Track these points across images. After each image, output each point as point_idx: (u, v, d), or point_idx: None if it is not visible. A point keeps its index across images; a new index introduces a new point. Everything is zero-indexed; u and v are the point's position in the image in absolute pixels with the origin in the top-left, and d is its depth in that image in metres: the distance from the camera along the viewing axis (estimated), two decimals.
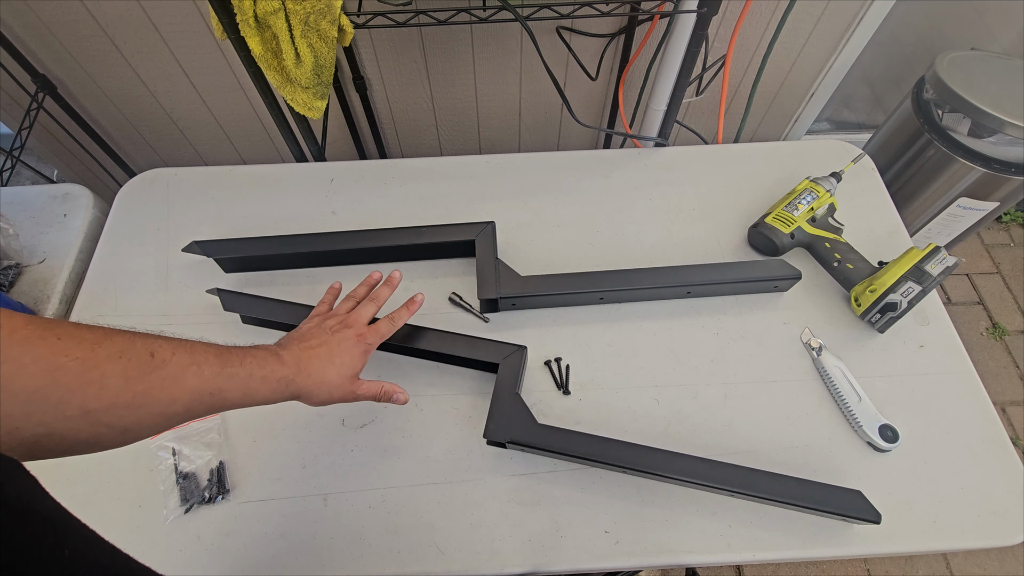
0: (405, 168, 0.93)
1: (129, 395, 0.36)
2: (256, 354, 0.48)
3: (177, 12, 1.01)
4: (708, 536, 0.62)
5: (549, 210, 0.88)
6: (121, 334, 0.38)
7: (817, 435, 0.69)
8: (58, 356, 0.33)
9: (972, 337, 1.60)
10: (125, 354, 0.37)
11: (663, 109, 0.95)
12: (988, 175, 1.17)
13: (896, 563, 1.30)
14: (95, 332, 0.36)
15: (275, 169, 0.92)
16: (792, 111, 1.38)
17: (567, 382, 0.72)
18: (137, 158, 1.37)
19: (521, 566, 0.60)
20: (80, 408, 0.34)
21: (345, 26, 0.75)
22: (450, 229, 0.79)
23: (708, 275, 0.76)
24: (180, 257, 0.79)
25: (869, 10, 1.12)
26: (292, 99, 0.80)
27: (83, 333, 0.35)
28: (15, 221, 0.85)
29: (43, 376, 0.32)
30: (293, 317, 0.70)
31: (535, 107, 1.29)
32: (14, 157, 1.04)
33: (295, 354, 0.52)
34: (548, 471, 0.66)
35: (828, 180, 0.83)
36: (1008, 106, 1.10)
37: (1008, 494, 0.65)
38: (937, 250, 0.73)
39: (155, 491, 0.64)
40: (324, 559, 0.61)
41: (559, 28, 1.07)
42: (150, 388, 0.38)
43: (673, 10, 0.82)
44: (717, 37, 1.14)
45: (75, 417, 0.34)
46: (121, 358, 0.36)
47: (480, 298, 0.74)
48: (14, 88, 1.09)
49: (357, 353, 0.56)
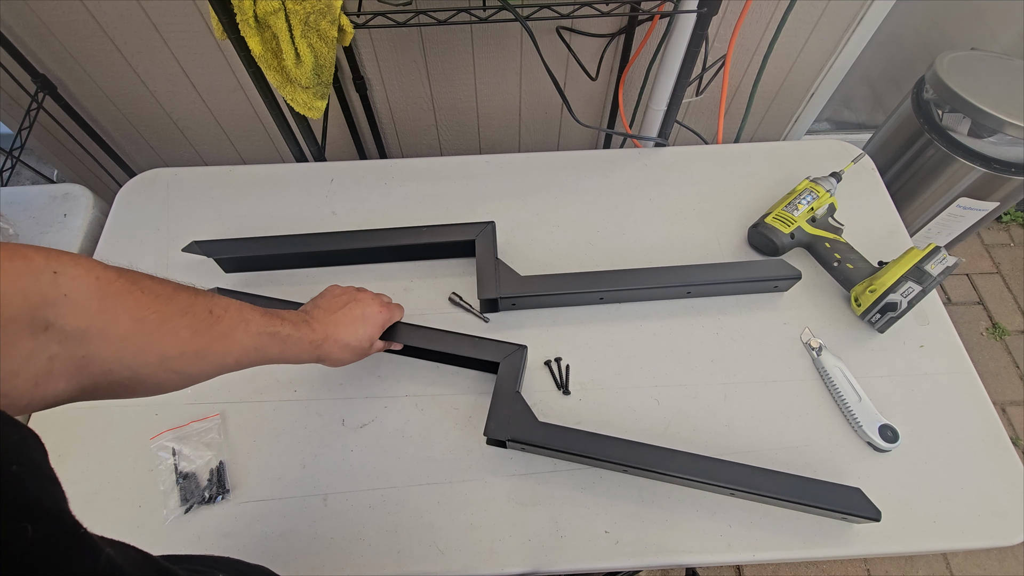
0: (405, 168, 0.93)
1: (196, 346, 0.41)
2: (290, 317, 0.53)
3: (177, 12, 1.01)
4: (708, 536, 0.62)
5: (549, 210, 0.88)
6: (184, 291, 0.42)
7: (817, 435, 0.69)
8: (142, 309, 0.37)
9: (972, 337, 1.60)
10: (190, 310, 0.41)
11: (663, 109, 0.95)
12: (988, 175, 1.17)
13: (896, 563, 1.30)
14: (166, 287, 0.40)
15: (275, 169, 0.92)
16: (792, 111, 1.38)
17: (567, 382, 0.72)
18: (137, 158, 1.37)
19: (521, 566, 0.60)
20: (159, 355, 0.38)
21: (345, 26, 0.75)
22: (450, 229, 0.79)
23: (708, 275, 0.76)
24: (180, 257, 0.79)
25: (869, 10, 1.12)
26: (292, 99, 0.80)
27: (158, 288, 0.39)
28: (15, 221, 0.85)
29: (132, 325, 0.36)
30: None
31: (535, 107, 1.29)
32: (14, 157, 1.04)
33: (323, 322, 0.57)
34: (548, 471, 0.66)
35: (828, 180, 0.83)
36: (1008, 106, 1.10)
37: (1008, 494, 0.65)
38: (937, 250, 0.73)
39: (155, 491, 0.64)
40: (324, 559, 0.61)
41: (559, 28, 1.07)
42: (211, 341, 0.42)
43: (673, 10, 0.82)
44: (717, 37, 1.14)
45: (154, 363, 0.38)
46: (187, 314, 0.40)
47: (480, 298, 0.74)
48: (14, 88, 1.09)
49: (380, 322, 0.63)
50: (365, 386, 0.72)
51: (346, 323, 0.59)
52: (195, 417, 0.69)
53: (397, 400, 0.71)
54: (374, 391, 0.71)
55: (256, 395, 0.71)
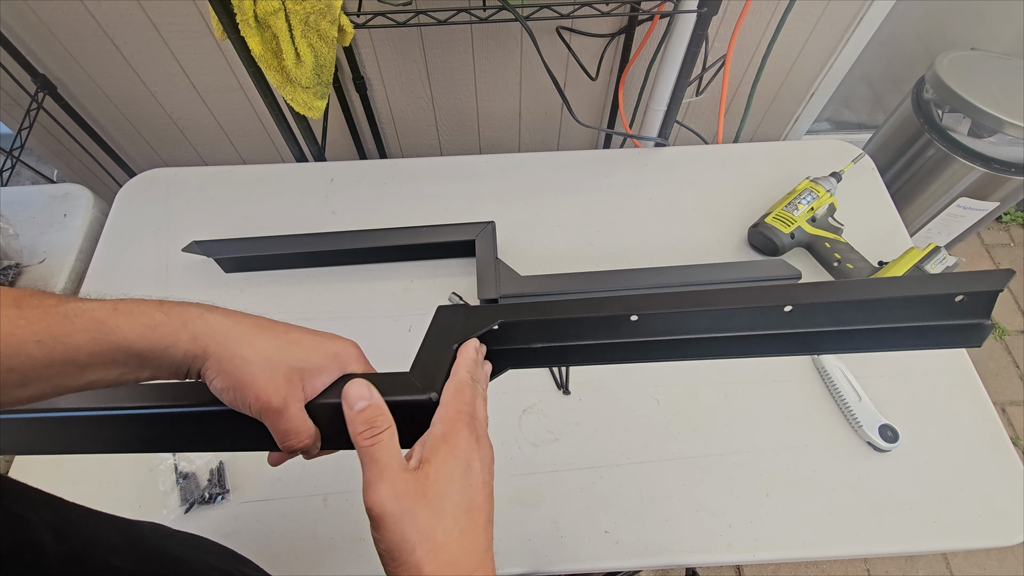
0: (405, 168, 0.92)
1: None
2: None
3: (177, 12, 1.01)
4: (708, 536, 0.62)
5: (549, 210, 0.88)
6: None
7: (817, 435, 0.69)
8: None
9: None
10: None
11: (663, 109, 0.95)
12: (988, 175, 1.17)
13: (896, 563, 1.30)
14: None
15: (275, 169, 0.92)
16: (792, 111, 1.38)
17: (567, 382, 0.72)
18: (137, 158, 1.37)
19: (521, 566, 0.60)
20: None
21: (345, 26, 0.75)
22: (450, 229, 0.79)
23: (708, 275, 0.76)
24: (180, 257, 0.79)
25: (869, 10, 1.12)
26: (292, 99, 0.80)
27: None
28: (15, 221, 0.85)
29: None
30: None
31: (535, 107, 1.29)
32: (14, 157, 1.04)
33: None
34: (548, 471, 0.66)
35: (828, 180, 0.83)
36: (1008, 106, 1.10)
37: (1008, 494, 0.65)
38: (937, 250, 0.73)
39: (155, 491, 0.64)
40: (324, 559, 0.61)
41: (559, 28, 1.07)
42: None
43: (673, 10, 0.82)
44: (717, 37, 1.14)
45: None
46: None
47: (480, 298, 0.74)
48: (14, 88, 1.08)
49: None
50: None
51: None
52: None
53: None
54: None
55: None
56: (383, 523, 0.26)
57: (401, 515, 0.26)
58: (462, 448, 0.30)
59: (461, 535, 0.27)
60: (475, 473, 0.29)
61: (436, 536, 0.26)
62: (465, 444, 0.30)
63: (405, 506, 0.26)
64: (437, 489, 0.28)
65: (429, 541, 0.26)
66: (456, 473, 0.29)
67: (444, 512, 0.27)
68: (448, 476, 0.28)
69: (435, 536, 0.26)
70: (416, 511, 0.26)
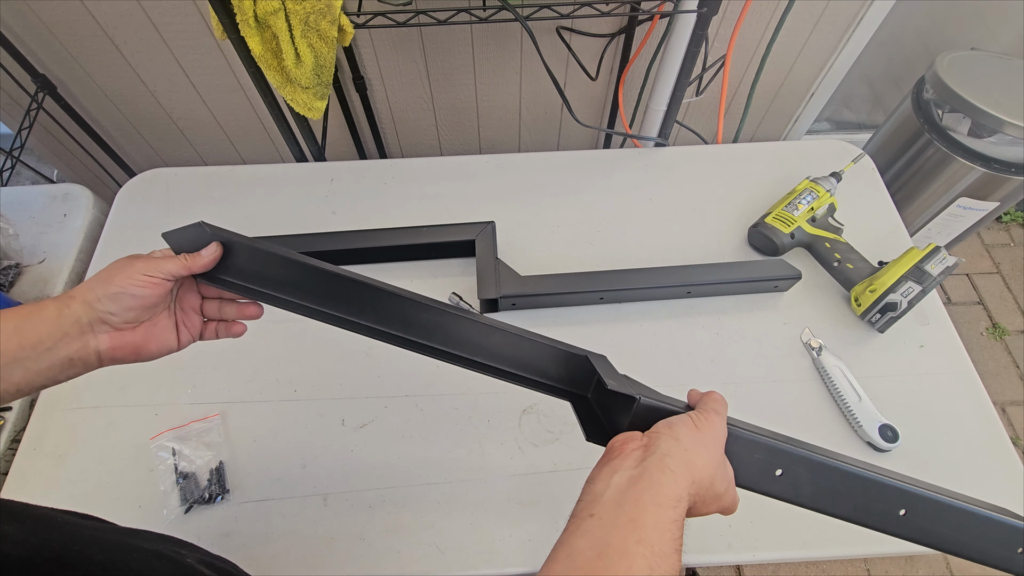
0: (405, 168, 0.93)
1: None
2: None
3: (177, 12, 1.01)
4: (708, 536, 0.62)
5: (549, 210, 0.88)
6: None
7: (817, 435, 0.68)
8: None
9: (972, 337, 1.60)
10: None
11: (663, 109, 0.95)
12: (988, 175, 1.17)
13: (896, 563, 1.30)
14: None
15: (275, 169, 0.92)
16: (792, 111, 1.38)
17: None
18: (137, 158, 1.37)
19: (521, 566, 0.60)
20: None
21: (345, 26, 0.75)
22: (450, 229, 0.79)
23: (708, 275, 0.76)
24: None
25: (869, 10, 1.12)
26: (292, 99, 0.79)
27: None
28: (15, 221, 0.85)
29: None
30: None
31: (535, 107, 1.29)
32: (14, 157, 1.04)
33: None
34: (548, 471, 0.66)
35: (828, 180, 0.83)
36: (1008, 106, 1.10)
37: (1008, 494, 0.65)
38: (937, 250, 0.73)
39: (155, 491, 0.64)
40: (324, 559, 0.61)
41: (559, 28, 1.07)
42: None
43: (673, 10, 0.82)
44: (717, 37, 1.14)
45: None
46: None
47: (480, 298, 0.74)
48: (14, 88, 1.08)
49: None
50: (365, 386, 0.72)
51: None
52: (195, 417, 0.69)
53: (397, 400, 0.71)
54: (374, 391, 0.71)
55: (256, 395, 0.71)
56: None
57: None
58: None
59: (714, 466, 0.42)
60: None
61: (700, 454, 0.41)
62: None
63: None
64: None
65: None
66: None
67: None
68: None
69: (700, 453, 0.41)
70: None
